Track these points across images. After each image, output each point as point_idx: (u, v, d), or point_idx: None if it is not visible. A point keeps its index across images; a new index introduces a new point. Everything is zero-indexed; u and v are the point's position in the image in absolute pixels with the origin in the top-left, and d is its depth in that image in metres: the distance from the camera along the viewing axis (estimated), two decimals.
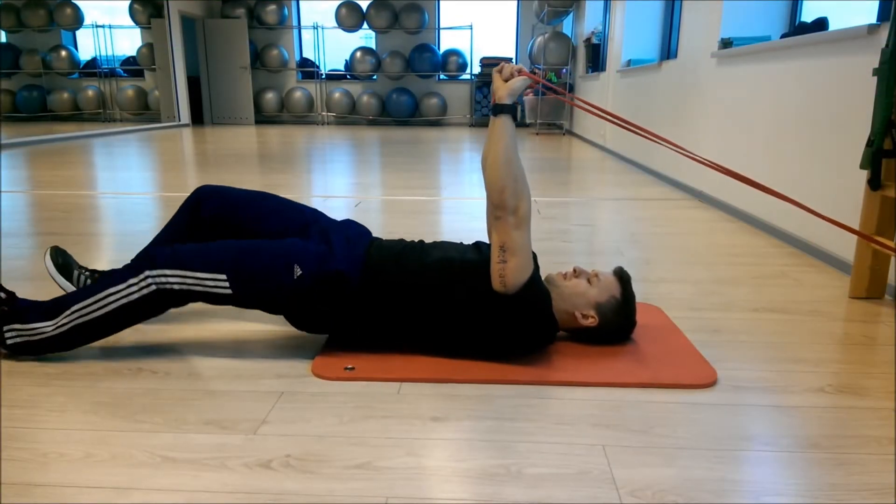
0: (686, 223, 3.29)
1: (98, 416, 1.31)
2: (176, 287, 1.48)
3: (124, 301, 1.48)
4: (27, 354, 1.56)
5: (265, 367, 1.55)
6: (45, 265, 1.82)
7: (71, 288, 1.79)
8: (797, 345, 1.73)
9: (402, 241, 1.67)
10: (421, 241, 1.67)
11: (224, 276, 1.49)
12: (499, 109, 1.51)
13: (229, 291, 1.50)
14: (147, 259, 1.50)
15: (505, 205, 1.45)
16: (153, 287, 1.48)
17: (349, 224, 1.73)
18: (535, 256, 1.66)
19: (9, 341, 1.53)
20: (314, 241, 1.60)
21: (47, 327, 1.51)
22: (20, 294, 1.62)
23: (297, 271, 1.50)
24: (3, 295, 1.55)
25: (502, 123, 1.49)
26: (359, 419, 1.31)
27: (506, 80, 1.54)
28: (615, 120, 1.63)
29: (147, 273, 1.48)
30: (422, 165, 5.70)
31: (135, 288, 1.48)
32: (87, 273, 1.83)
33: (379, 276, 1.54)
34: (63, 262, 1.82)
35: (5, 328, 1.52)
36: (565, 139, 8.77)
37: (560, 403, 1.39)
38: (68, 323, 1.50)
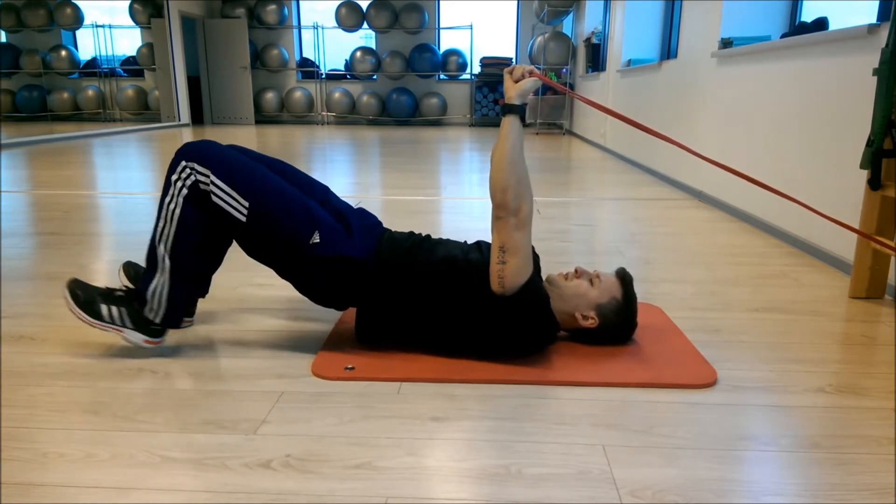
0: (686, 223, 3.29)
1: (98, 416, 1.31)
2: (201, 186, 1.48)
3: (181, 200, 1.48)
4: (176, 317, 1.57)
5: (265, 367, 1.55)
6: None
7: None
8: (797, 345, 1.73)
9: (411, 233, 1.68)
10: (428, 236, 1.67)
11: (247, 203, 1.48)
12: (507, 110, 1.51)
13: (243, 219, 1.49)
14: (183, 150, 1.50)
15: (507, 205, 1.44)
16: (194, 176, 1.48)
17: (364, 213, 1.73)
18: (537, 258, 1.66)
19: (157, 321, 1.55)
20: (335, 221, 1.60)
21: (160, 276, 1.53)
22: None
23: (316, 238, 1.50)
24: (120, 293, 1.56)
25: (510, 124, 1.49)
26: (359, 419, 1.31)
27: (516, 81, 1.53)
28: (621, 117, 1.63)
29: (184, 163, 1.49)
30: (422, 165, 5.69)
31: (180, 183, 1.49)
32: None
33: (387, 268, 1.54)
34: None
35: (145, 315, 1.54)
36: (565, 139, 8.77)
37: (560, 403, 1.39)
38: (165, 256, 1.51)
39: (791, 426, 1.30)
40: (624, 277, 1.63)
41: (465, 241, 1.70)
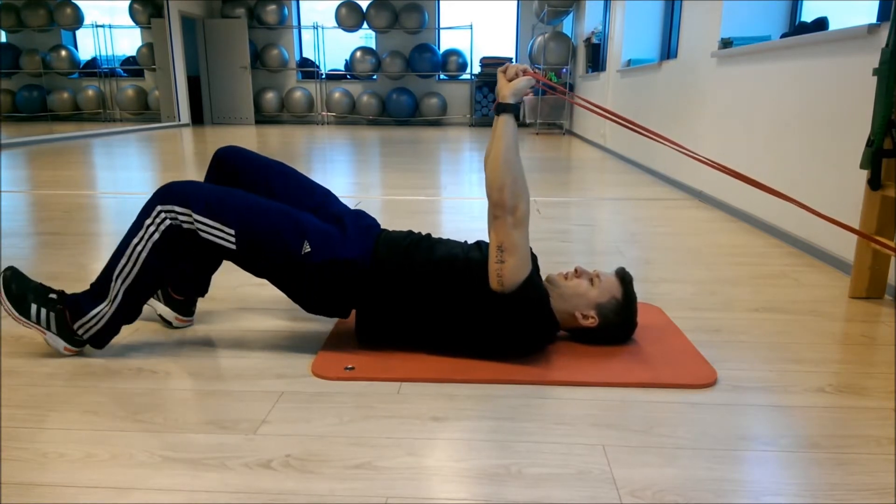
0: (686, 223, 3.29)
1: (98, 416, 1.31)
2: (184, 226, 1.48)
3: (150, 245, 1.49)
4: (104, 340, 1.58)
5: (265, 367, 1.55)
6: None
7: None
8: (797, 345, 1.73)
9: (410, 232, 1.68)
10: (428, 235, 1.67)
11: (232, 231, 1.48)
12: (501, 108, 1.51)
13: (233, 247, 1.49)
14: (159, 193, 1.50)
15: (504, 204, 1.44)
16: (168, 222, 1.48)
17: (361, 214, 1.73)
18: (535, 258, 1.66)
19: (84, 336, 1.56)
20: (328, 224, 1.60)
21: (105, 307, 1.53)
22: None
23: (307, 247, 1.50)
24: (54, 296, 1.55)
25: (504, 123, 1.49)
26: (359, 419, 1.31)
27: (510, 80, 1.53)
28: (618, 119, 1.63)
29: (159, 208, 1.48)
30: (422, 165, 5.69)
31: (153, 228, 1.49)
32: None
33: (386, 268, 1.54)
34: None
35: (75, 327, 1.54)
36: (565, 139, 8.77)
37: (560, 403, 1.39)
38: (119, 291, 1.52)
39: (791, 426, 1.30)
40: (624, 277, 1.63)
41: (465, 241, 1.70)
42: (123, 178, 4.73)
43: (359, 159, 6.15)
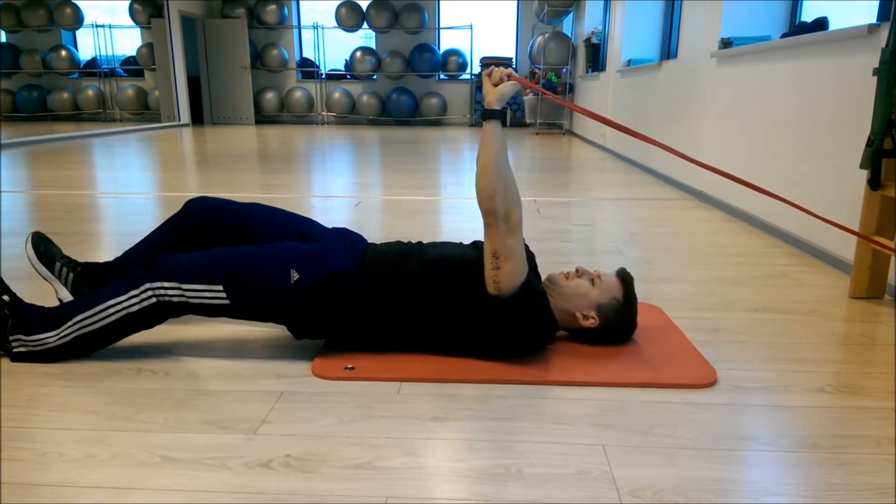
0: (686, 223, 3.29)
1: (98, 416, 1.31)
2: (175, 300, 1.49)
3: (125, 313, 1.49)
4: (29, 362, 1.56)
5: (265, 367, 1.55)
6: (25, 254, 1.76)
7: (52, 278, 1.76)
8: (797, 345, 1.73)
9: (398, 242, 1.67)
10: (419, 243, 1.67)
11: (220, 287, 1.49)
12: (488, 115, 1.49)
13: (227, 302, 1.50)
14: (147, 270, 1.51)
15: (495, 212, 1.44)
16: (153, 300, 1.49)
17: (345, 232, 1.73)
18: (532, 255, 1.65)
19: (14, 350, 1.54)
20: (311, 245, 1.60)
21: (50, 338, 1.52)
22: (18, 294, 1.61)
23: (294, 276, 1.50)
24: (6, 298, 1.54)
25: (492, 130, 1.48)
26: (359, 419, 1.31)
27: (495, 85, 1.52)
28: (607, 122, 1.63)
29: (147, 286, 1.49)
30: (422, 165, 5.69)
31: (136, 300, 1.49)
32: (69, 266, 1.76)
33: (376, 278, 1.54)
34: (45, 250, 1.76)
35: (11, 338, 1.53)
36: (565, 139, 8.77)
37: (560, 403, 1.39)
38: (71, 334, 1.51)
39: (791, 426, 1.30)
40: (625, 278, 1.63)
41: (461, 242, 1.70)
42: (123, 178, 4.73)
43: (359, 159, 6.15)
